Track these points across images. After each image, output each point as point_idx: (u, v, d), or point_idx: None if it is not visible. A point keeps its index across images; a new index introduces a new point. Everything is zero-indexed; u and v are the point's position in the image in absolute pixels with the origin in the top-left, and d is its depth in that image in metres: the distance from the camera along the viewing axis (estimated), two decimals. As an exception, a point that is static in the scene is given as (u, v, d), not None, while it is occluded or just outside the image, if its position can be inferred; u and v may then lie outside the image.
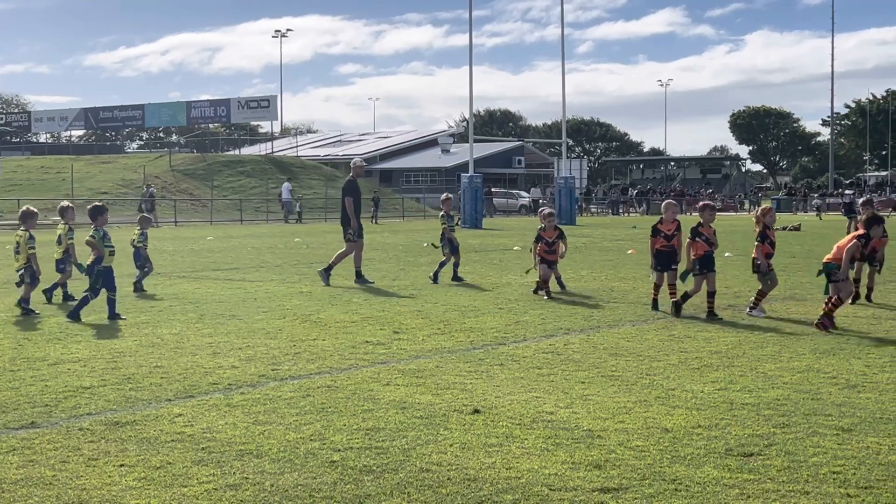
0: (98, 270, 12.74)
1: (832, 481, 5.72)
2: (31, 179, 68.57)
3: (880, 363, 9.47)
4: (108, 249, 12.82)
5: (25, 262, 13.58)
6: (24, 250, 13.58)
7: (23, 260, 13.62)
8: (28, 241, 13.59)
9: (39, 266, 13.73)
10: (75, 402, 7.89)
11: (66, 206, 14.91)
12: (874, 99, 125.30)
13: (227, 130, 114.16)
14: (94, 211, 13.21)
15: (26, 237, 13.63)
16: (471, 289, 16.51)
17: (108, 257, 12.84)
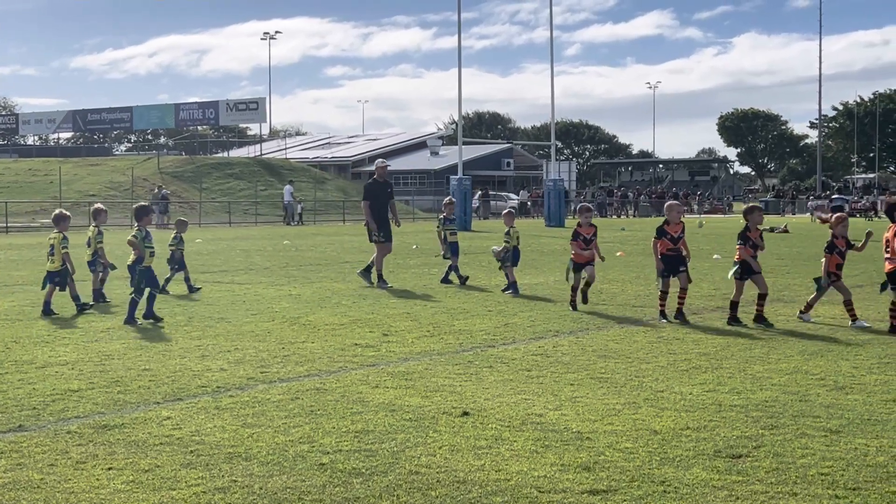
0: (140, 270, 12.84)
1: (820, 483, 5.73)
2: (18, 182, 68.36)
3: (868, 365, 9.50)
4: (148, 250, 12.95)
5: (61, 263, 13.77)
6: (59, 251, 13.78)
7: (58, 262, 13.79)
8: (62, 242, 13.82)
9: (74, 266, 13.93)
10: (63, 405, 7.86)
11: (98, 208, 15.42)
12: (861, 101, 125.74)
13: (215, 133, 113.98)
14: (140, 211, 13.46)
15: (59, 239, 13.86)
16: (460, 291, 16.51)
17: (149, 258, 12.95)
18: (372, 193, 17.89)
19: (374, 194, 17.89)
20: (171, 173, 70.70)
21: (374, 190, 17.95)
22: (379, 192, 17.97)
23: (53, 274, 13.74)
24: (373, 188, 17.98)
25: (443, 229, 18.15)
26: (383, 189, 18.04)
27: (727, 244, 30.71)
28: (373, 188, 17.98)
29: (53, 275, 13.73)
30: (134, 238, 12.95)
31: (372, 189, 17.96)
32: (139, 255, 12.86)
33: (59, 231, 13.97)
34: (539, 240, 35.01)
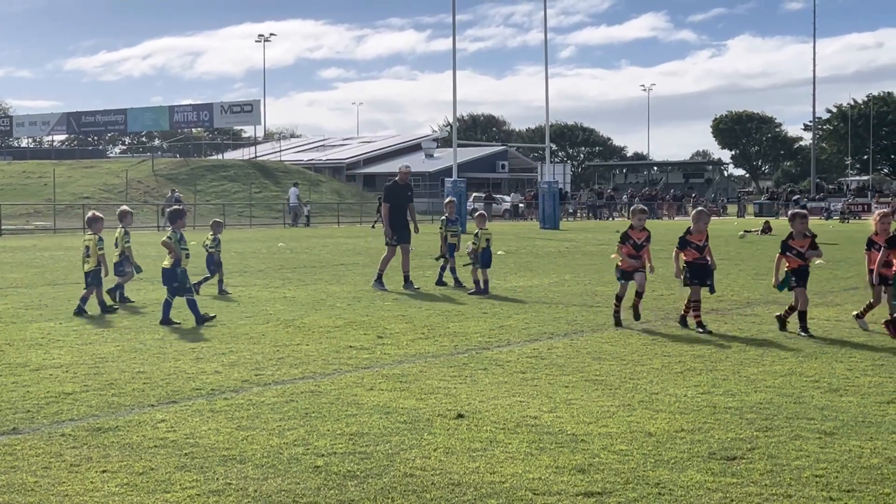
0: (182, 271, 13.01)
1: (815, 485, 5.74)
2: (12, 184, 68.28)
3: (862, 367, 9.51)
4: (183, 252, 13.08)
5: (96, 264, 14.02)
6: (94, 253, 14.02)
7: (93, 263, 14.03)
8: (97, 244, 14.07)
9: (108, 267, 14.28)
10: (57, 407, 7.85)
11: (125, 210, 15.60)
12: (855, 104, 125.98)
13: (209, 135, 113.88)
14: (175, 214, 13.63)
15: (95, 240, 14.11)
16: (455, 293, 16.51)
17: (185, 260, 13.07)
18: (392, 195, 17.90)
19: (394, 196, 17.87)
20: (165, 175, 70.65)
21: (394, 192, 17.93)
22: (399, 194, 17.92)
23: (88, 274, 14.02)
24: (393, 190, 17.97)
25: (445, 230, 18.12)
26: (403, 192, 17.98)
27: (721, 246, 30.75)
28: (393, 190, 17.97)
29: (89, 275, 14.01)
30: (169, 239, 13.09)
31: (392, 191, 17.98)
32: (176, 257, 12.96)
33: (93, 233, 14.26)
34: (533, 242, 35.02)
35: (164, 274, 13.07)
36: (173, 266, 12.96)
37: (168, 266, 13.00)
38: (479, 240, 16.69)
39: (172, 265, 12.97)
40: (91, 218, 14.64)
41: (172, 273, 12.96)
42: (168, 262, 13.03)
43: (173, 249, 12.95)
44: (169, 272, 12.98)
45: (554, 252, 28.63)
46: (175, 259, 12.95)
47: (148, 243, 34.74)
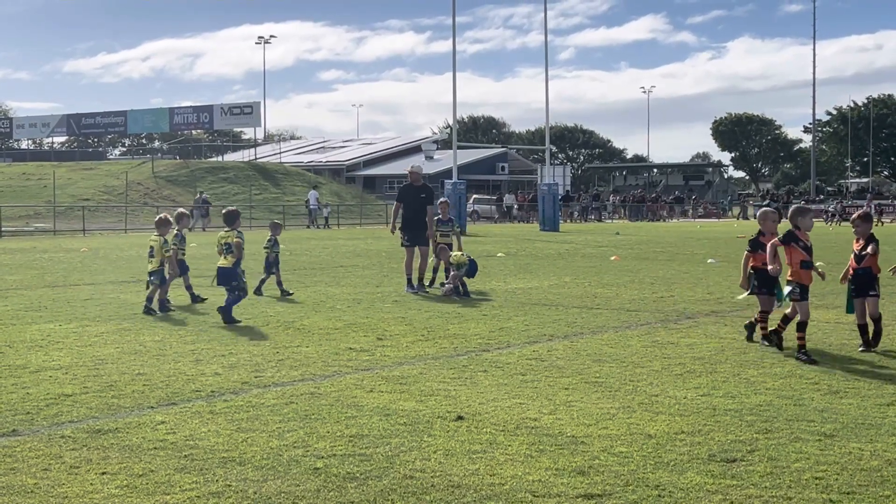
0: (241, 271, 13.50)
1: (815, 487, 5.74)
2: (12, 186, 68.28)
3: (862, 369, 9.51)
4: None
5: (159, 264, 14.44)
6: (159, 253, 14.50)
7: (156, 263, 14.46)
8: (163, 245, 14.57)
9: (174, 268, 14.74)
10: (57, 409, 7.85)
11: (182, 212, 15.99)
12: (855, 106, 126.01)
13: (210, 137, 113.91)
14: (233, 215, 13.98)
15: (160, 241, 14.59)
16: (453, 296, 16.49)
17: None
18: (403, 195, 17.82)
19: (406, 197, 17.75)
20: (165, 177, 70.68)
21: (406, 193, 17.82)
22: (410, 195, 17.71)
23: (152, 274, 14.42)
24: (404, 191, 17.89)
25: (436, 231, 18.02)
26: (415, 193, 17.68)
27: (722, 248, 30.76)
28: (404, 191, 17.89)
29: (152, 275, 14.41)
30: (239, 239, 13.44)
31: (403, 192, 17.91)
32: (240, 256, 13.38)
33: (159, 234, 14.69)
34: (533, 244, 35.02)
35: (222, 273, 13.35)
36: (234, 265, 13.31)
37: (229, 265, 13.33)
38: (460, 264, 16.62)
39: (234, 265, 13.32)
40: (160, 220, 15.02)
41: (233, 272, 13.27)
42: (229, 262, 13.34)
43: (240, 249, 13.42)
44: (230, 271, 13.29)
45: (554, 254, 28.63)
46: (238, 259, 13.34)
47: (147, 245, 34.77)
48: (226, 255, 13.45)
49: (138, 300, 15.71)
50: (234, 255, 13.32)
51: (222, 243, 13.55)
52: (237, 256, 13.34)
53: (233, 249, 13.37)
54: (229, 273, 13.29)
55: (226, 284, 13.30)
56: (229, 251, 13.42)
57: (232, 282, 13.24)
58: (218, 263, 13.55)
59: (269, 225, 18.25)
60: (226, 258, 13.43)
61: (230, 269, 13.30)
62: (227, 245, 13.48)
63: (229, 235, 13.59)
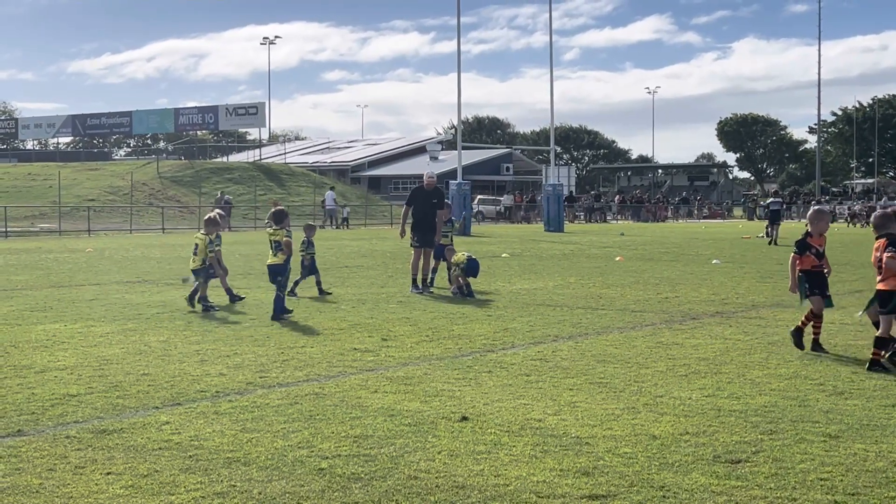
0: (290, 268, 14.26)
1: (819, 488, 5.73)
2: (17, 186, 68.35)
3: (866, 369, 9.49)
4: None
5: (201, 263, 14.72)
6: (203, 252, 14.74)
7: (198, 261, 14.75)
8: (208, 245, 14.78)
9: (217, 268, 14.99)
10: (62, 409, 7.86)
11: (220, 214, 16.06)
12: (860, 106, 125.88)
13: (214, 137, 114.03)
14: (281, 214, 14.60)
15: (206, 241, 14.83)
16: (458, 296, 16.49)
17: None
18: (413, 198, 18.05)
19: (417, 200, 17.95)
20: (170, 178, 70.74)
21: (416, 195, 18.07)
22: (422, 198, 17.94)
23: (196, 272, 14.70)
24: (415, 193, 18.13)
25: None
26: (427, 197, 17.94)
27: (726, 249, 30.74)
28: (415, 193, 18.13)
29: (196, 272, 14.69)
30: (288, 238, 14.16)
31: (414, 194, 18.14)
32: (289, 254, 14.12)
33: (205, 233, 14.97)
34: (538, 245, 35.01)
35: (273, 269, 14.05)
36: (285, 262, 14.03)
37: (280, 262, 14.00)
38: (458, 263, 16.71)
39: (285, 261, 14.03)
40: (210, 220, 15.25)
41: (283, 268, 13.97)
42: (280, 259, 14.02)
43: (290, 247, 14.16)
44: (280, 267, 13.96)
45: (558, 255, 28.62)
46: (288, 256, 14.06)
47: (152, 245, 34.80)
48: (276, 253, 14.14)
49: (143, 301, 15.75)
50: (284, 253, 14.06)
51: (272, 241, 14.22)
52: (287, 254, 14.08)
53: (282, 247, 14.08)
54: (279, 269, 13.98)
55: (273, 280, 14.04)
56: (279, 249, 14.11)
57: (278, 277, 13.91)
58: (268, 261, 14.26)
59: (304, 227, 18.33)
60: (276, 256, 14.11)
61: (281, 266, 14.00)
62: (276, 243, 14.16)
63: (279, 234, 14.26)
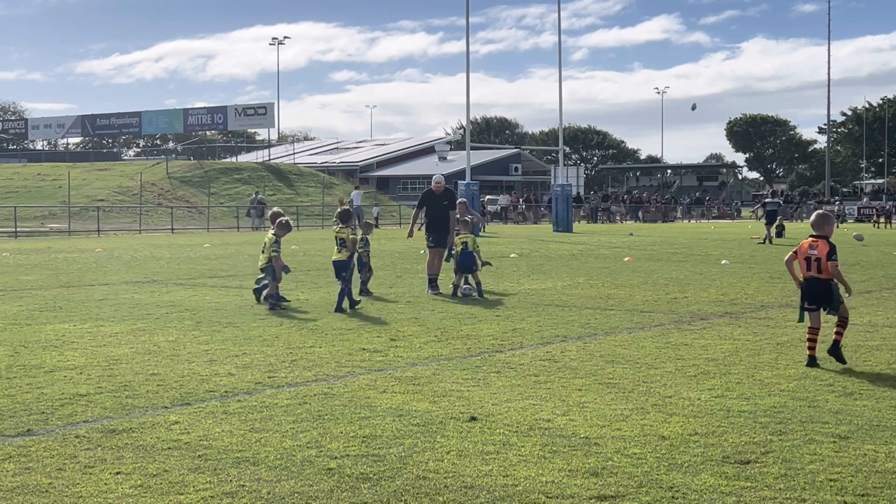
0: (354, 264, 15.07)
1: (829, 489, 5.71)
2: (27, 186, 68.55)
3: (877, 371, 9.47)
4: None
5: (266, 261, 14.98)
6: (268, 251, 14.97)
7: (264, 260, 15.04)
8: (273, 245, 14.98)
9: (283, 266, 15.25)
10: (71, 409, 7.88)
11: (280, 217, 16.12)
12: (870, 107, 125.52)
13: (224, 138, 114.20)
14: (347, 214, 15.70)
15: (272, 240, 15.06)
16: (467, 296, 16.49)
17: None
18: (424, 201, 18.40)
19: (428, 202, 18.27)
20: (179, 178, 70.85)
21: (427, 198, 18.41)
22: (435, 201, 18.21)
23: (264, 270, 15.00)
24: (426, 196, 18.47)
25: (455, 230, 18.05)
26: (438, 200, 18.20)
27: (735, 249, 30.68)
28: (426, 196, 18.47)
29: (264, 271, 15.00)
30: (353, 236, 15.04)
31: (424, 197, 18.48)
32: (353, 251, 15.01)
33: (274, 233, 15.18)
34: (546, 245, 35.00)
35: (338, 265, 14.88)
36: (348, 259, 14.85)
37: (344, 258, 14.85)
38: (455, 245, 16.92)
39: (348, 257, 14.87)
40: (284, 223, 15.46)
41: (346, 264, 14.79)
42: (344, 255, 14.89)
43: (354, 245, 15.03)
44: (344, 263, 14.80)
45: (567, 255, 28.60)
46: (351, 253, 14.93)
47: (161, 245, 34.86)
48: (340, 250, 15.03)
49: (152, 301, 15.78)
50: (348, 250, 14.97)
51: (338, 238, 15.14)
52: (350, 250, 14.99)
53: (346, 244, 14.99)
54: (344, 265, 14.81)
55: (338, 276, 14.79)
56: (343, 245, 15.03)
57: (343, 272, 14.66)
58: (333, 257, 15.17)
59: (362, 225, 18.45)
60: (340, 252, 15.00)
61: (345, 262, 14.86)
62: (341, 240, 15.09)
63: (344, 231, 15.17)
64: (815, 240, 9.92)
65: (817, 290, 9.89)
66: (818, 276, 9.85)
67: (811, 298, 9.96)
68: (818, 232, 10.00)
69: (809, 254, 9.90)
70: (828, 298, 9.88)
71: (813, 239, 9.95)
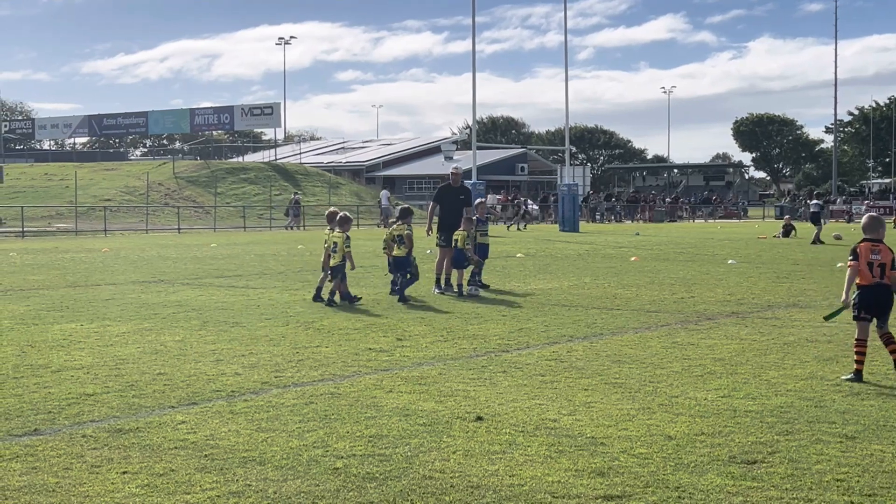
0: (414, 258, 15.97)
1: (836, 489, 5.71)
2: (34, 186, 68.71)
3: (884, 371, 9.45)
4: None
5: (340, 260, 15.31)
6: (342, 249, 15.30)
7: (338, 258, 15.33)
8: (346, 242, 15.36)
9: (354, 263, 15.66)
10: (78, 409, 7.89)
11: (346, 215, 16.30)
12: (877, 106, 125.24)
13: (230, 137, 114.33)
14: (406, 211, 16.56)
15: (343, 238, 15.40)
16: (473, 296, 16.49)
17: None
18: (440, 197, 18.16)
19: (443, 198, 18.05)
20: (185, 178, 70.93)
21: (443, 193, 18.14)
22: (449, 196, 17.98)
23: (334, 269, 15.34)
24: (442, 191, 18.19)
25: (475, 231, 17.99)
26: (454, 195, 17.97)
27: (742, 249, 30.64)
28: (442, 191, 18.19)
29: (334, 269, 15.34)
30: (409, 232, 15.85)
31: (442, 192, 18.20)
32: (411, 247, 15.78)
33: (342, 231, 15.53)
34: (553, 245, 34.98)
35: (397, 261, 15.77)
36: (407, 255, 15.70)
37: (403, 255, 15.70)
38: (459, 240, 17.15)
39: (407, 253, 15.71)
40: (343, 218, 15.81)
41: (406, 260, 15.68)
42: (403, 252, 15.72)
43: (412, 241, 15.81)
44: (404, 259, 15.70)
45: (573, 255, 28.58)
46: (409, 248, 15.73)
47: (168, 245, 34.90)
48: (399, 246, 15.79)
49: (159, 300, 15.80)
50: (406, 246, 15.71)
51: (395, 235, 15.93)
52: (409, 247, 15.72)
53: (405, 241, 15.72)
54: (403, 261, 15.71)
55: (400, 271, 15.69)
56: (402, 242, 15.78)
57: (406, 268, 15.61)
58: (392, 253, 15.91)
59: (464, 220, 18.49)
60: (399, 248, 15.78)
61: (404, 258, 15.72)
62: (399, 237, 15.84)
63: (401, 229, 15.93)
64: (876, 244, 9.25)
65: (882, 297, 9.17)
66: (882, 281, 9.16)
67: (871, 306, 9.20)
68: (873, 235, 9.38)
69: (872, 259, 9.19)
70: (888, 307, 9.24)
71: (872, 243, 9.26)
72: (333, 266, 15.33)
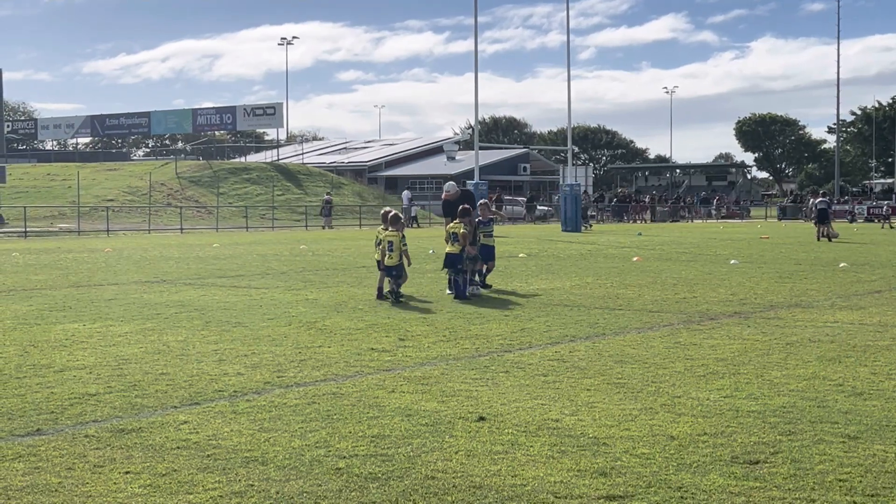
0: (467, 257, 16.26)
1: (838, 489, 5.70)
2: (37, 186, 68.78)
3: (887, 370, 9.44)
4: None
5: (398, 259, 15.71)
6: (398, 248, 15.69)
7: (396, 258, 15.70)
8: (402, 241, 15.83)
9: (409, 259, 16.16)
10: (81, 409, 7.90)
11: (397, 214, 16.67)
12: (880, 106, 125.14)
13: (232, 138, 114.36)
14: (465, 211, 16.70)
15: (399, 237, 15.81)
16: (475, 296, 16.49)
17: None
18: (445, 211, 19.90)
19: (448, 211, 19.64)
20: (188, 178, 70.98)
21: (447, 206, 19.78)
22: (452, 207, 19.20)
23: (391, 268, 15.66)
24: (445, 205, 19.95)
25: (480, 232, 17.98)
26: (455, 205, 18.99)
27: (744, 249, 30.62)
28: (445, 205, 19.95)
29: (391, 269, 15.67)
30: (465, 231, 16.22)
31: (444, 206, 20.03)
32: (464, 244, 16.15)
33: (395, 230, 15.90)
34: (555, 245, 34.98)
35: (449, 258, 16.17)
36: (461, 251, 16.09)
37: (456, 252, 16.11)
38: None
39: (460, 251, 16.08)
40: (394, 217, 16.25)
41: (459, 257, 16.07)
42: (456, 249, 16.13)
43: (467, 239, 16.19)
44: (456, 256, 16.09)
45: (576, 255, 28.58)
46: (462, 246, 16.09)
47: (171, 245, 34.91)
48: (453, 243, 16.25)
49: (161, 300, 15.80)
50: (461, 243, 16.12)
51: (450, 233, 16.38)
52: (462, 244, 16.12)
53: (459, 238, 16.16)
54: (455, 258, 16.08)
55: (451, 267, 16.10)
56: (456, 240, 16.22)
57: (458, 265, 15.98)
58: (446, 250, 16.36)
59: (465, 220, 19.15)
60: (453, 245, 16.23)
61: (457, 255, 16.11)
62: (454, 234, 16.28)
63: (458, 227, 16.33)
64: None
65: None
66: None
67: None
68: None
69: None
70: None
71: None
72: (394, 266, 15.65)
